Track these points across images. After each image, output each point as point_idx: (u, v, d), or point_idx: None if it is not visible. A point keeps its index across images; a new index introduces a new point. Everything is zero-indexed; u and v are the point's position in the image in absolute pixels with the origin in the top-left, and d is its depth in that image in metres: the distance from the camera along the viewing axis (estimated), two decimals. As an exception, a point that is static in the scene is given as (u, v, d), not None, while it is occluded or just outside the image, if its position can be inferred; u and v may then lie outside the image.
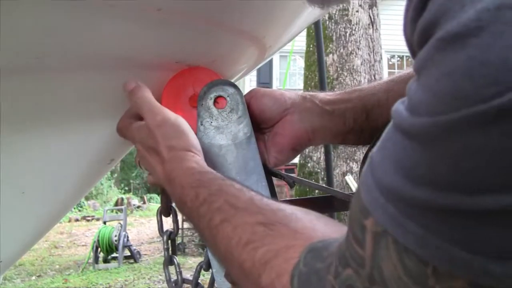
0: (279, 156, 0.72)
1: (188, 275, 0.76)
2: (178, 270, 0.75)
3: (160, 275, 5.56)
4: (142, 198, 18.67)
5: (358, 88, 0.74)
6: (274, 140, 0.72)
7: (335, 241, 0.39)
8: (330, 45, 5.73)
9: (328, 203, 0.96)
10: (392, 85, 0.71)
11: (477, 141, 0.25)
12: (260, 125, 0.73)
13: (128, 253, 7.03)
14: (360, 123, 0.70)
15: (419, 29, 0.30)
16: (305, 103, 0.72)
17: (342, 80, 5.62)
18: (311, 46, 5.83)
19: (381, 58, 6.11)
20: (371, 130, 0.70)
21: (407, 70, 0.74)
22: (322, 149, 5.02)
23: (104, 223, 7.13)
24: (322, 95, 0.75)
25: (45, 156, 0.76)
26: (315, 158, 5.58)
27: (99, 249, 6.73)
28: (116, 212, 9.75)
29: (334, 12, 5.73)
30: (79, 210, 14.48)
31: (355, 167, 5.43)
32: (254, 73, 12.04)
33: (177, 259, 0.76)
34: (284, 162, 0.74)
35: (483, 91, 0.25)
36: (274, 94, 0.72)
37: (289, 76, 12.63)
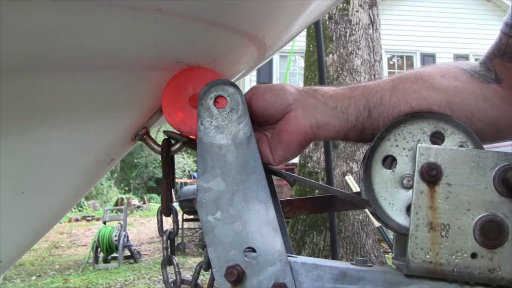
0: (285, 153, 0.71)
1: (188, 275, 0.76)
2: (177, 270, 0.75)
3: (160, 275, 5.55)
4: (142, 198, 18.68)
5: (361, 85, 0.74)
6: (279, 138, 0.71)
7: None
8: (330, 45, 5.73)
9: (328, 203, 0.96)
10: (398, 83, 0.71)
11: None
12: (263, 122, 0.73)
13: (128, 253, 7.03)
14: (362, 120, 0.70)
15: None
16: (307, 99, 0.72)
17: (342, 80, 5.62)
18: (311, 46, 5.82)
19: (381, 58, 6.10)
20: (372, 128, 0.70)
21: (413, 70, 0.74)
22: (322, 149, 5.02)
23: (104, 223, 7.12)
24: (324, 89, 0.74)
25: (45, 156, 0.76)
26: (315, 158, 5.58)
27: (99, 249, 6.72)
28: (116, 212, 9.75)
29: (334, 12, 5.73)
30: (79, 210, 14.50)
31: (355, 167, 5.42)
32: (254, 73, 12.04)
33: (176, 259, 0.76)
34: (289, 159, 0.73)
35: None
36: (275, 90, 0.72)
37: (289, 76, 12.63)
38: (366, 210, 2.27)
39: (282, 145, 0.71)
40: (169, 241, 0.75)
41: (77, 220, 12.93)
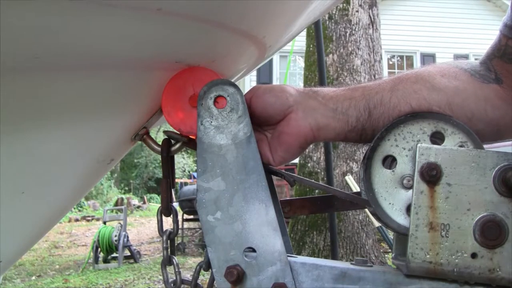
0: (285, 154, 0.72)
1: (188, 275, 0.76)
2: (177, 270, 0.75)
3: (160, 275, 5.54)
4: (142, 198, 18.68)
5: (362, 86, 0.73)
6: (280, 139, 0.72)
7: None
8: (330, 45, 5.73)
9: (328, 203, 0.96)
10: (398, 83, 0.71)
11: None
12: (263, 123, 0.73)
13: (128, 253, 7.03)
14: (362, 121, 0.70)
15: None
16: (308, 101, 0.72)
17: (342, 80, 5.62)
18: (311, 46, 5.82)
19: (381, 58, 6.10)
20: (372, 129, 0.70)
21: (413, 70, 0.74)
22: (322, 149, 5.02)
23: (104, 223, 7.12)
24: (325, 91, 0.74)
25: (45, 156, 0.76)
26: (315, 158, 5.58)
27: (99, 249, 6.72)
28: (116, 212, 9.75)
29: (334, 12, 5.72)
30: (79, 210, 14.50)
31: (355, 167, 5.42)
32: (254, 73, 12.04)
33: (176, 259, 0.76)
34: (289, 160, 0.74)
35: None
36: (275, 91, 0.72)
37: (289, 76, 12.63)
38: (366, 210, 2.27)
39: (283, 146, 0.71)
40: (169, 241, 0.75)
41: (77, 220, 12.93)
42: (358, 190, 0.74)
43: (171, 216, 0.77)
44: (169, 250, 0.75)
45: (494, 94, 0.70)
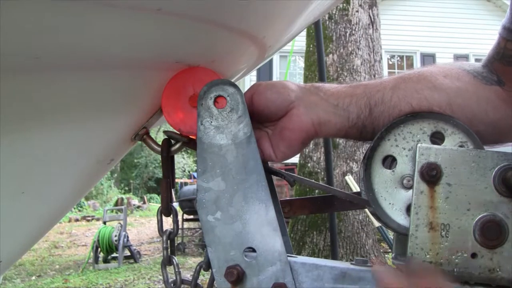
0: (287, 150, 0.72)
1: (188, 275, 0.76)
2: (177, 270, 0.75)
3: (160, 275, 5.53)
4: (142, 198, 18.68)
5: (363, 83, 0.74)
6: (282, 135, 0.71)
7: None
8: (330, 45, 5.73)
9: (328, 203, 0.96)
10: (400, 82, 0.71)
11: None
12: (264, 120, 0.73)
13: (128, 253, 7.03)
14: (363, 119, 0.70)
15: None
16: (309, 96, 0.72)
17: (342, 80, 5.62)
18: (311, 46, 5.82)
19: (381, 58, 6.10)
20: (373, 127, 0.70)
21: (416, 69, 0.74)
22: (322, 149, 5.02)
23: (104, 223, 7.12)
24: (326, 87, 0.74)
25: (45, 156, 0.76)
26: (315, 158, 5.58)
27: (99, 249, 6.72)
28: (116, 212, 9.75)
29: (334, 12, 5.72)
30: (79, 210, 14.49)
31: (355, 167, 5.42)
32: (254, 73, 12.04)
33: (176, 259, 0.76)
34: (291, 156, 0.74)
35: None
36: (276, 88, 0.72)
37: (289, 76, 12.62)
38: (366, 210, 2.27)
39: (285, 142, 0.71)
40: (169, 241, 0.75)
41: (77, 220, 12.93)
42: (358, 190, 0.74)
43: (171, 216, 0.77)
44: (169, 250, 0.75)
45: (495, 96, 0.70)
